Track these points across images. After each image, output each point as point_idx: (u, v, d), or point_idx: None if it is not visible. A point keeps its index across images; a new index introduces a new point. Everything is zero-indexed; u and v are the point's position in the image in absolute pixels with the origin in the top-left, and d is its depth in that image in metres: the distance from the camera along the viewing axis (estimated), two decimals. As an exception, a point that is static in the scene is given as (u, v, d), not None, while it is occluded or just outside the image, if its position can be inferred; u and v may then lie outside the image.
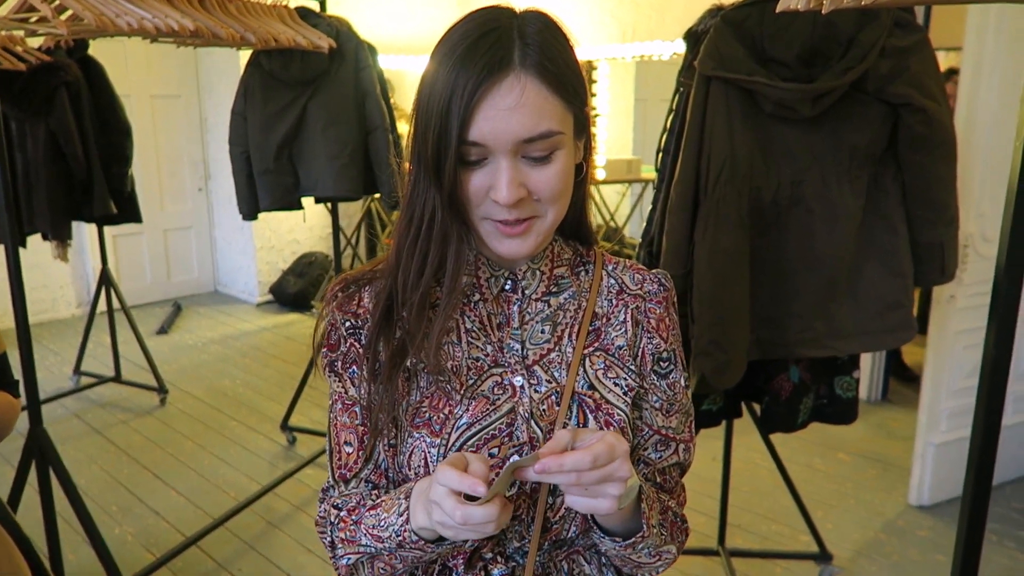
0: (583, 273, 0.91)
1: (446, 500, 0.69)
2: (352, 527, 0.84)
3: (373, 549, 0.82)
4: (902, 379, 4.00)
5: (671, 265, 1.78)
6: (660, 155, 1.98)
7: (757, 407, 2.17)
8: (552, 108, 0.75)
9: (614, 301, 0.90)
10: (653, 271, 0.93)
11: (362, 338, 0.85)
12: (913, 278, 1.80)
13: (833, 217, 1.73)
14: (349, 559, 0.85)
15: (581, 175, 0.85)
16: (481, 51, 0.73)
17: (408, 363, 0.83)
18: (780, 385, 1.99)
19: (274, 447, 3.43)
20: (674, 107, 1.96)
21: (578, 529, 0.86)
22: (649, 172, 5.25)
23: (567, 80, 0.76)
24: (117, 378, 4.03)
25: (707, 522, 2.64)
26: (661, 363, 0.90)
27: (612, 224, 5.81)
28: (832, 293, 1.79)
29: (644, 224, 2.07)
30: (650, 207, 2.05)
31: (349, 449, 0.87)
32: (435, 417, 0.82)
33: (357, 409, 0.86)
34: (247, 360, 4.54)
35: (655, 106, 5.29)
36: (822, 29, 1.65)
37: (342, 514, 0.86)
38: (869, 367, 3.79)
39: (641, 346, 0.89)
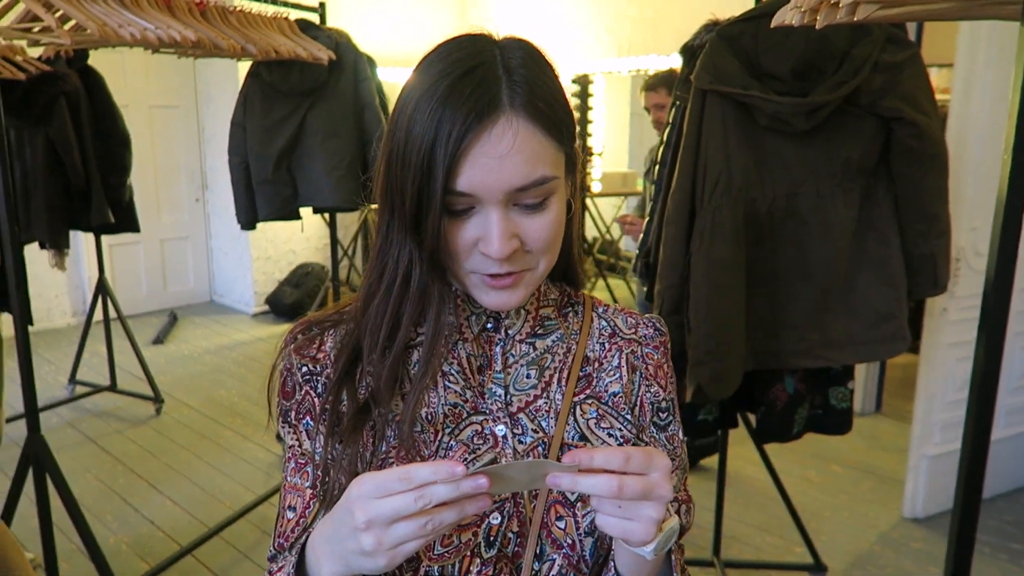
0: (571, 315, 0.84)
1: (368, 482, 0.59)
2: None
3: None
4: None
5: (667, 274, 1.80)
6: (657, 167, 2.01)
7: (752, 418, 2.19)
8: (545, 151, 0.68)
9: (607, 345, 0.83)
10: (646, 316, 0.87)
11: (319, 386, 0.77)
12: (906, 290, 1.82)
13: (827, 229, 1.76)
14: None
15: (570, 213, 0.77)
16: (466, 92, 0.65)
17: (374, 415, 0.75)
18: (776, 395, 2.01)
19: (270, 457, 3.43)
20: (671, 120, 1.98)
21: None
22: (641, 185, 5.28)
23: (559, 118, 0.69)
24: (113, 387, 4.02)
25: (701, 533, 2.65)
26: (660, 414, 0.83)
27: (608, 237, 5.84)
28: (826, 304, 1.81)
29: (641, 236, 2.09)
30: (647, 219, 2.07)
31: (291, 515, 0.77)
32: None
33: (309, 469, 0.77)
34: (243, 370, 4.54)
35: (649, 120, 5.33)
36: (816, 44, 1.67)
37: None
38: (863, 379, 3.82)
39: (639, 394, 0.82)
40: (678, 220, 1.76)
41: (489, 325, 0.80)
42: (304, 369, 0.78)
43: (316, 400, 0.77)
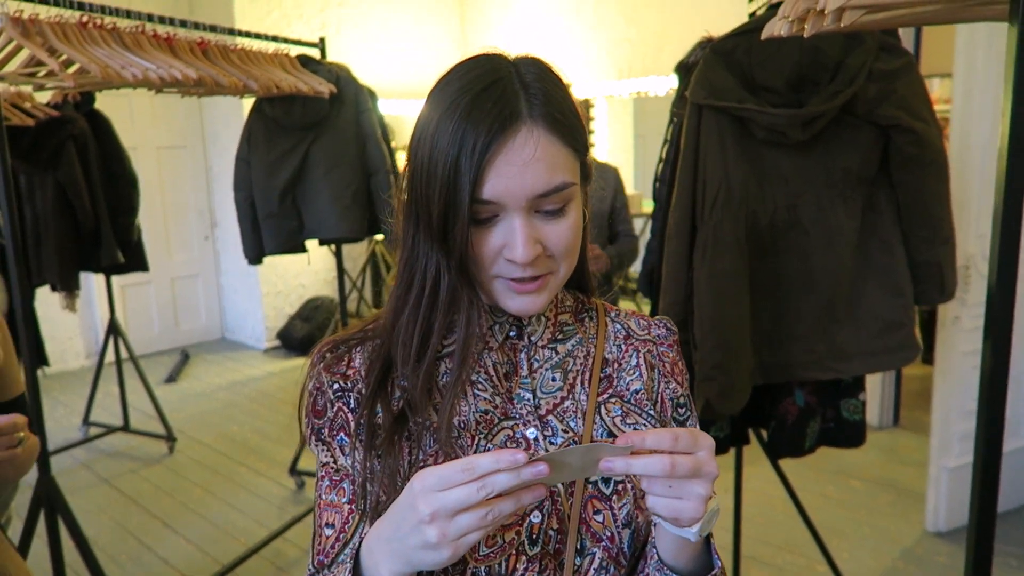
0: (587, 320, 0.88)
1: (430, 476, 0.60)
2: None
3: None
4: None
5: (671, 291, 1.79)
6: (657, 185, 2.01)
7: (765, 433, 2.16)
8: (564, 159, 0.72)
9: (623, 347, 0.86)
10: (656, 317, 0.91)
11: (351, 402, 0.78)
12: (913, 297, 1.80)
13: (829, 239, 1.75)
14: None
15: (584, 223, 0.80)
16: (487, 105, 0.69)
17: (410, 424, 0.77)
18: (786, 409, 1.98)
19: (283, 492, 3.41)
20: (668, 137, 1.99)
21: None
22: (650, 206, 5.29)
23: (574, 128, 0.73)
24: (126, 427, 4.03)
25: (721, 554, 2.60)
26: (679, 409, 0.87)
27: (615, 259, 5.82)
28: (832, 315, 1.79)
29: (644, 253, 2.09)
30: (648, 237, 2.07)
31: (329, 532, 0.78)
32: None
33: (345, 485, 0.78)
34: (255, 406, 4.54)
35: (654, 141, 5.36)
36: (809, 55, 1.68)
37: None
38: (879, 392, 3.77)
39: (659, 391, 0.86)
40: (679, 236, 1.76)
41: (512, 333, 0.82)
42: (336, 386, 0.79)
43: (350, 415, 0.78)
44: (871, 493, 3.18)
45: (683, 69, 1.94)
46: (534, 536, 0.75)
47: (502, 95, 0.70)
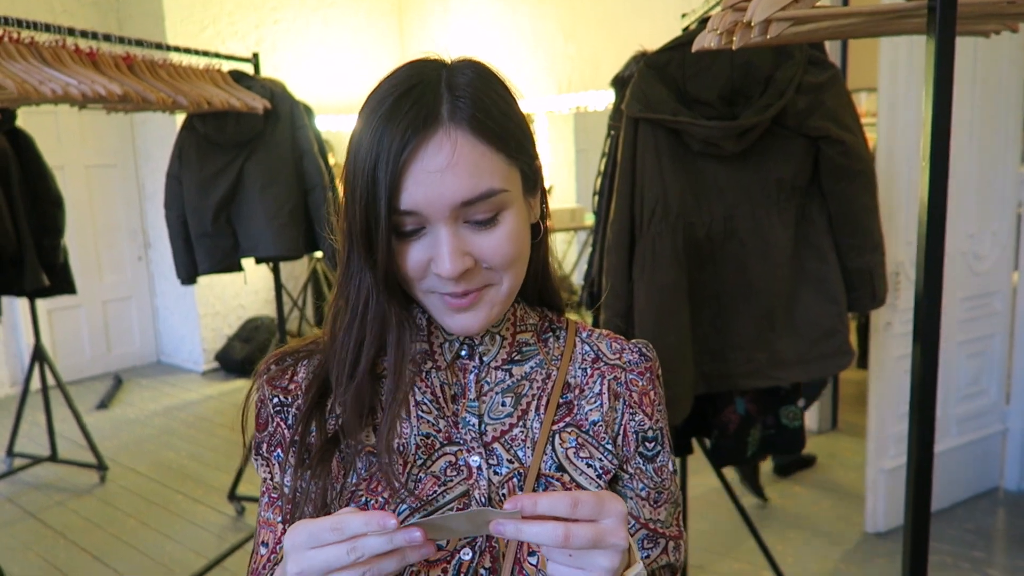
0: (552, 339, 0.82)
1: (302, 532, 0.58)
2: None
3: None
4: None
5: (612, 304, 1.79)
6: (596, 198, 2.02)
7: (708, 442, 2.18)
8: (491, 164, 0.67)
9: (589, 371, 0.80)
10: (633, 340, 0.84)
11: (289, 418, 0.76)
12: (846, 305, 1.84)
13: (765, 249, 1.78)
14: None
15: (539, 236, 0.77)
16: (404, 108, 0.65)
17: (342, 446, 0.74)
18: (727, 418, 2.00)
19: (222, 519, 3.30)
20: (606, 150, 2.00)
21: None
22: (591, 219, 5.33)
23: (506, 132, 0.68)
24: (53, 457, 3.85)
25: (669, 565, 2.61)
26: (647, 443, 0.80)
27: (560, 271, 5.85)
28: (771, 323, 1.82)
29: (586, 267, 2.09)
30: (590, 250, 2.07)
31: (264, 551, 0.76)
32: (373, 502, 0.71)
33: (281, 503, 0.76)
34: (192, 431, 4.39)
35: (594, 155, 5.41)
36: (741, 69, 1.71)
37: None
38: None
39: (623, 423, 0.79)
40: (619, 248, 1.77)
41: (463, 352, 0.78)
42: (276, 400, 0.77)
43: (287, 432, 0.76)
44: (813, 497, 3.23)
45: (619, 83, 1.96)
46: (463, 575, 0.70)
47: (420, 98, 0.66)
